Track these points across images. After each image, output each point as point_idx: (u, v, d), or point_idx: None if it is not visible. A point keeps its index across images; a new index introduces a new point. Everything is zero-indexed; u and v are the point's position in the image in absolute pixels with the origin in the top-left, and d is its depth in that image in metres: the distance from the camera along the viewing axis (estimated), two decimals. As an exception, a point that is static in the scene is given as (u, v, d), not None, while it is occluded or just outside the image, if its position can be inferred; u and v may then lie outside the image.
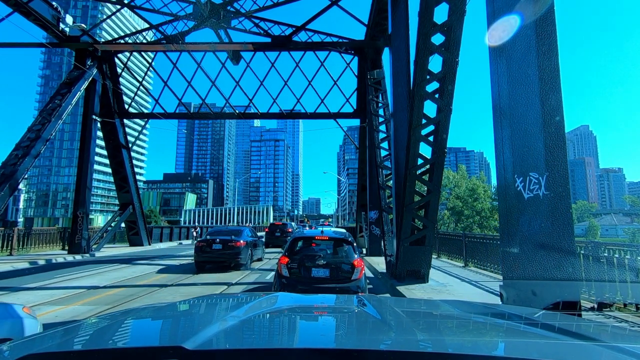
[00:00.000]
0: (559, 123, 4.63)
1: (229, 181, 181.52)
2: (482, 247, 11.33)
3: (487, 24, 5.43)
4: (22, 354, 1.01)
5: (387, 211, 13.75)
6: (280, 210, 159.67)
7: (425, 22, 7.36)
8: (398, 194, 9.38)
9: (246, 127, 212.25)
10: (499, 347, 1.28)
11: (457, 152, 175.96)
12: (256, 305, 1.93)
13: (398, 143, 10.14)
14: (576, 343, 1.25)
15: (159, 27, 18.15)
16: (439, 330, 1.49)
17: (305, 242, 7.08)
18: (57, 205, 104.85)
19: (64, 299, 7.83)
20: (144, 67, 23.79)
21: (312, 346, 1.11)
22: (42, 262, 13.89)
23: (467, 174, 46.88)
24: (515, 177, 4.82)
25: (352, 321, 1.66)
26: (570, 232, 4.51)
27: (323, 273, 6.25)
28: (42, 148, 14.97)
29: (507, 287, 4.98)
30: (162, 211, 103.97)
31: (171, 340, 1.33)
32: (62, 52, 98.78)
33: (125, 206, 19.86)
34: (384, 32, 16.03)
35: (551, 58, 4.68)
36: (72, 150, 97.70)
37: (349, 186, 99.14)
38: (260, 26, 17.97)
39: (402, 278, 8.83)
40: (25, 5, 14.87)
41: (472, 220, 40.93)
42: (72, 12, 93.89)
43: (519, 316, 1.71)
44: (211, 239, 12.41)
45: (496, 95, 5.28)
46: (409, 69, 9.59)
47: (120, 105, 20.03)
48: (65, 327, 1.45)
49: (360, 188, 21.59)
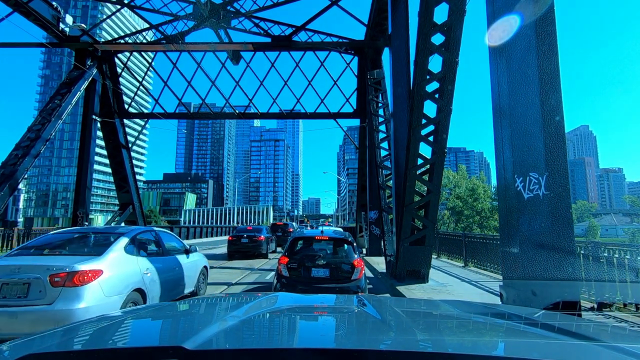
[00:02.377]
0: (559, 123, 4.63)
1: (229, 181, 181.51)
2: (482, 247, 11.33)
3: (487, 24, 5.43)
4: (22, 353, 1.01)
5: (387, 211, 13.75)
6: (280, 210, 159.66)
7: (425, 22, 7.36)
8: (398, 194, 9.38)
9: (246, 127, 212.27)
10: (498, 347, 1.28)
11: (457, 152, 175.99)
12: (256, 305, 1.93)
13: (398, 143, 10.14)
14: (576, 343, 1.25)
15: (159, 27, 18.14)
16: (438, 330, 1.49)
17: (305, 242, 7.02)
18: (57, 205, 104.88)
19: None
20: (144, 67, 23.79)
21: (312, 346, 1.11)
22: (42, 262, 13.75)
23: (467, 174, 46.88)
24: (515, 177, 4.82)
25: (352, 321, 1.66)
26: (570, 232, 4.51)
27: (323, 273, 6.22)
28: (42, 148, 14.97)
29: (507, 287, 4.98)
30: (162, 211, 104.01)
31: (171, 340, 1.33)
32: (62, 52, 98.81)
33: (125, 206, 19.85)
34: (384, 32, 16.03)
35: (551, 58, 4.68)
36: (72, 150, 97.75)
37: (349, 186, 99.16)
38: (260, 26, 17.97)
39: (402, 278, 8.83)
40: (25, 5, 14.86)
41: (472, 220, 40.94)
42: (72, 12, 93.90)
43: (518, 316, 1.71)
44: (240, 235, 16.18)
45: (496, 95, 5.28)
46: (408, 69, 9.59)
47: (120, 105, 20.02)
48: (65, 326, 1.45)
49: (360, 188, 21.59)
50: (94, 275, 4.48)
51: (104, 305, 4.53)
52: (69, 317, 4.13)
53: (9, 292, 4.24)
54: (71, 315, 4.19)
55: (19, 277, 4.29)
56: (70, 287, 4.29)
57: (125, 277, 5.03)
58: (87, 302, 4.35)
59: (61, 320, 4.05)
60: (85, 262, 4.57)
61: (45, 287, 4.24)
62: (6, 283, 4.26)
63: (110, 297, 4.67)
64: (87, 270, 4.44)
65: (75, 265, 4.41)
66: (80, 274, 4.37)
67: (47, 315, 4.16)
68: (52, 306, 4.19)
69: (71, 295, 4.27)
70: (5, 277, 4.28)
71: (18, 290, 4.25)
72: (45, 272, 4.29)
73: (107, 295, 4.62)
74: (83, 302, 4.32)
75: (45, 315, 4.16)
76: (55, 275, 4.27)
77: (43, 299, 4.22)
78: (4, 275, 4.30)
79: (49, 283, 4.25)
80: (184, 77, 18.97)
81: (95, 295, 4.46)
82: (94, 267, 4.56)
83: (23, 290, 4.24)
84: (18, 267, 4.39)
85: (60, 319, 4.05)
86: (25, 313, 4.15)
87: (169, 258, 6.46)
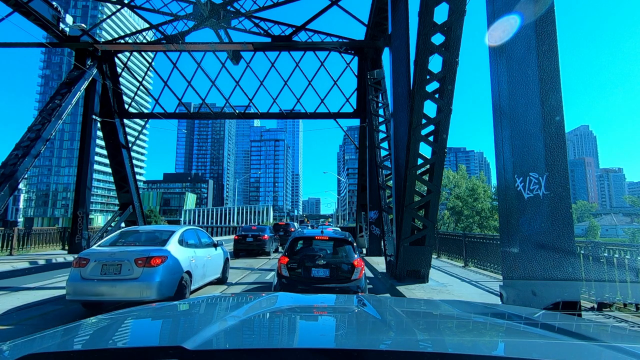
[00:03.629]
0: (559, 123, 4.63)
1: (229, 181, 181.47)
2: (482, 247, 11.32)
3: (487, 23, 5.43)
4: (22, 353, 1.01)
5: (387, 211, 13.74)
6: (280, 210, 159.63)
7: (425, 22, 7.36)
8: (398, 194, 9.38)
9: (246, 127, 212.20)
10: (498, 347, 1.28)
11: (457, 152, 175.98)
12: (256, 305, 1.93)
13: (398, 143, 10.13)
14: (576, 343, 1.25)
15: (159, 27, 18.14)
16: (438, 330, 1.49)
17: (305, 242, 7.00)
18: (57, 205, 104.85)
19: (63, 299, 7.82)
20: (144, 67, 23.79)
21: (312, 346, 1.11)
22: (42, 262, 13.88)
23: (467, 174, 46.84)
24: (515, 177, 4.82)
25: (352, 321, 1.66)
26: (571, 232, 4.51)
27: (323, 273, 6.25)
28: (42, 148, 14.96)
29: (507, 287, 4.98)
30: (162, 211, 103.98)
31: (171, 340, 1.33)
32: (62, 52, 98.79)
33: (125, 206, 19.85)
34: (384, 32, 16.03)
35: (551, 58, 4.68)
36: (72, 150, 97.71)
37: (349, 186, 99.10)
38: (260, 26, 17.96)
39: (402, 278, 8.83)
40: (25, 5, 14.86)
41: (472, 220, 40.91)
42: (72, 12, 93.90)
43: (518, 316, 1.71)
44: (245, 234, 17.13)
45: (496, 95, 5.28)
46: (409, 68, 9.58)
47: (120, 105, 20.02)
48: (65, 326, 1.45)
49: (360, 188, 21.58)
50: (162, 260, 6.36)
51: (168, 281, 6.38)
52: (149, 288, 6.09)
53: (108, 270, 6.18)
54: (151, 286, 6.09)
55: (113, 260, 6.21)
56: (149, 267, 6.18)
57: (180, 261, 6.86)
58: (160, 278, 6.20)
59: (145, 289, 6.07)
60: (156, 250, 6.49)
61: (132, 266, 6.13)
62: (105, 264, 6.19)
63: (172, 275, 6.51)
64: (158, 256, 6.34)
65: (151, 252, 6.35)
66: (155, 258, 6.28)
67: (135, 286, 6.07)
68: (138, 280, 6.09)
69: (150, 272, 6.16)
70: (105, 260, 6.22)
71: (114, 268, 6.17)
72: (131, 257, 6.19)
73: (170, 274, 6.44)
74: (158, 278, 6.16)
75: (133, 286, 6.07)
76: (139, 259, 6.18)
77: (131, 274, 6.11)
78: (104, 259, 6.24)
79: (134, 264, 6.13)
80: (184, 77, 18.98)
81: (164, 273, 6.28)
82: (161, 254, 6.44)
83: (117, 269, 6.16)
84: (112, 253, 6.37)
85: (144, 289, 6.06)
86: (120, 283, 6.08)
87: (204, 250, 8.32)
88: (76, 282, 6.15)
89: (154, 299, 6.05)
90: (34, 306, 7.06)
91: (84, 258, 6.31)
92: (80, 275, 6.17)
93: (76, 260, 6.37)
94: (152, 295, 6.08)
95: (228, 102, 19.58)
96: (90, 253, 6.49)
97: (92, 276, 6.13)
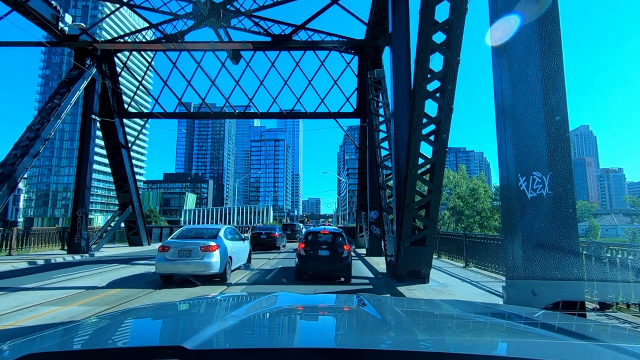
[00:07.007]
0: (561, 122, 4.61)
1: (229, 181, 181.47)
2: (482, 247, 11.32)
3: (489, 23, 5.42)
4: (22, 353, 1.00)
5: (388, 211, 13.74)
6: (280, 210, 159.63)
7: (425, 20, 7.34)
8: (398, 194, 9.37)
9: (246, 127, 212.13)
10: (499, 347, 1.27)
11: (457, 152, 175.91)
12: (256, 305, 1.93)
13: (398, 142, 10.12)
14: (576, 343, 1.25)
15: (158, 26, 18.13)
16: (439, 330, 1.48)
17: (314, 235, 10.75)
18: (57, 205, 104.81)
19: (63, 299, 7.81)
20: (144, 67, 23.77)
21: (312, 346, 1.10)
22: (41, 262, 13.88)
23: (468, 174, 46.79)
24: (518, 177, 4.81)
25: (352, 321, 1.66)
26: (574, 232, 4.49)
27: (325, 252, 10.19)
28: (41, 147, 14.96)
29: (509, 287, 4.98)
30: (162, 211, 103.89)
31: (171, 340, 1.32)
32: (62, 51, 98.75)
33: (125, 206, 19.86)
34: (384, 31, 16.02)
35: (553, 58, 4.66)
36: (72, 150, 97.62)
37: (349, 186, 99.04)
38: (260, 25, 17.96)
39: (402, 278, 8.82)
40: (24, 4, 14.85)
41: (473, 220, 40.85)
42: (72, 12, 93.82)
43: (519, 316, 1.71)
44: (260, 232, 21.36)
45: (498, 95, 5.27)
46: (409, 68, 9.57)
47: (120, 104, 20.02)
48: (65, 326, 1.44)
49: (360, 188, 21.57)
50: (216, 248, 9.40)
51: (220, 262, 9.37)
52: (209, 265, 9.14)
53: (182, 254, 9.24)
54: (211, 264, 9.16)
55: (185, 248, 9.29)
56: (208, 252, 9.24)
57: (226, 249, 9.91)
58: (215, 259, 9.24)
59: (206, 267, 9.13)
60: (211, 241, 9.54)
61: (198, 252, 9.20)
62: (181, 250, 9.24)
63: (222, 258, 9.51)
64: (213, 245, 9.40)
65: (209, 243, 9.39)
66: (212, 246, 9.35)
67: (200, 264, 9.11)
68: (202, 259, 9.15)
69: (210, 255, 9.22)
70: (180, 247, 9.29)
71: (185, 253, 9.24)
72: (197, 245, 9.27)
73: (221, 257, 9.45)
74: (215, 259, 9.22)
75: (200, 264, 9.11)
76: (202, 247, 9.24)
77: (197, 257, 9.17)
78: (180, 246, 9.30)
79: (199, 250, 9.21)
80: (183, 76, 18.97)
81: (217, 256, 9.31)
82: (214, 244, 9.45)
83: (188, 254, 9.23)
84: (184, 243, 9.47)
85: (206, 266, 9.12)
86: (191, 262, 9.13)
87: (238, 242, 11.38)
88: (162, 261, 9.20)
89: (213, 273, 9.22)
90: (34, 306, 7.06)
91: (167, 246, 9.36)
92: (164, 257, 9.20)
93: (161, 246, 9.47)
94: (211, 271, 9.18)
95: (228, 101, 19.58)
96: (170, 242, 9.56)
97: (172, 257, 9.18)
